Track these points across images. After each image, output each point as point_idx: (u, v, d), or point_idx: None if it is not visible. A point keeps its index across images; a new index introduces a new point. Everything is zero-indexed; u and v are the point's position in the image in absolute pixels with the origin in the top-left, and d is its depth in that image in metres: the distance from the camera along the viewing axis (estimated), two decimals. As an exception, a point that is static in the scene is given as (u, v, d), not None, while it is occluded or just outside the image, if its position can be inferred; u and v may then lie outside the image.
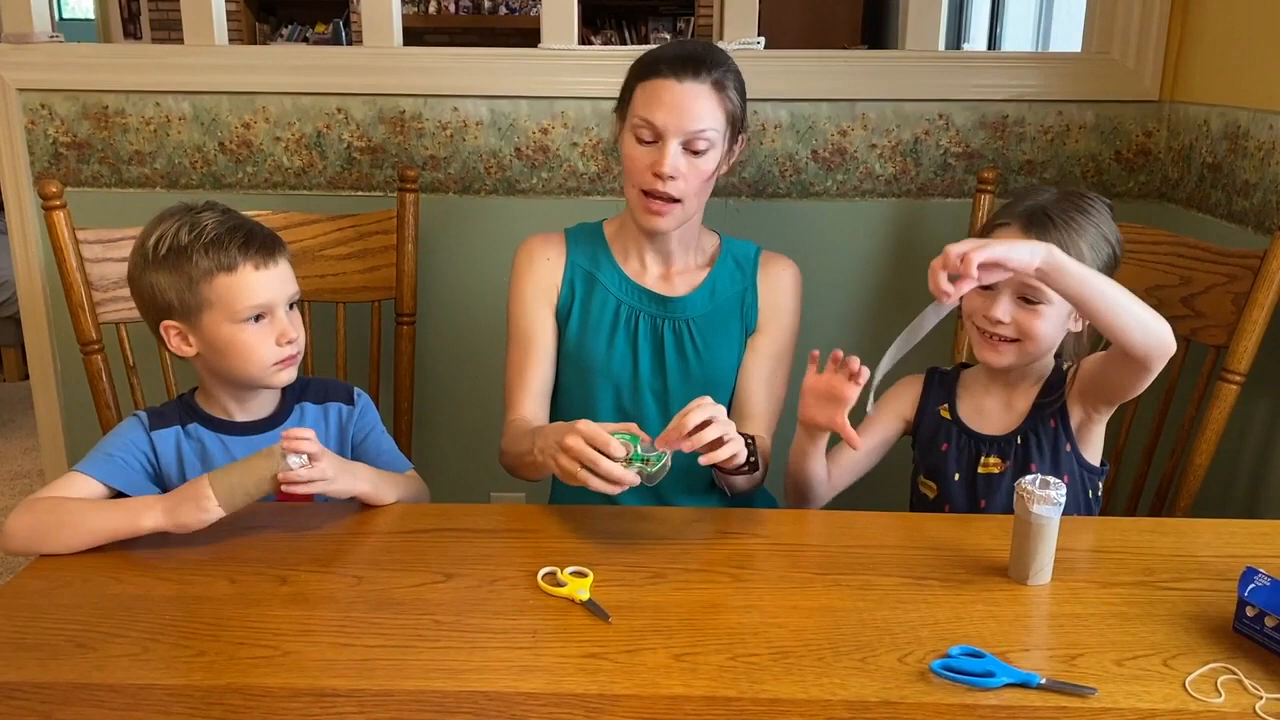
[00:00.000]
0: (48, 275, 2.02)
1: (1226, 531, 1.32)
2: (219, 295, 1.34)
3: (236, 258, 1.34)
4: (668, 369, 1.59)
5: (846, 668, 1.03)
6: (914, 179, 2.00)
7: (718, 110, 1.48)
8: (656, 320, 1.59)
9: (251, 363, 1.36)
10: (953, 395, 1.51)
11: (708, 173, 1.50)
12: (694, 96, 1.47)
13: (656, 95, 1.47)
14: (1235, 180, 1.75)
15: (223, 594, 1.16)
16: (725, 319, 1.60)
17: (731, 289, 1.60)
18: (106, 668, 1.02)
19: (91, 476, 1.32)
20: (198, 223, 1.35)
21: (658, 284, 1.60)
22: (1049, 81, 1.95)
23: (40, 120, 2.00)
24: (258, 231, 1.38)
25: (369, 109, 1.98)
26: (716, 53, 1.52)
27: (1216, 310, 1.62)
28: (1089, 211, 1.37)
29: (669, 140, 1.47)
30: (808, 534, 1.33)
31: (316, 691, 0.99)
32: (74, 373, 1.99)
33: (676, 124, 1.47)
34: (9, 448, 3.54)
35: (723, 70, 1.49)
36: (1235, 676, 1.02)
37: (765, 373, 1.61)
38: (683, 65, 1.48)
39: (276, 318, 1.37)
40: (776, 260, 1.64)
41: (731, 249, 1.64)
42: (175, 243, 1.35)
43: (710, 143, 1.48)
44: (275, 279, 1.37)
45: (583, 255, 1.62)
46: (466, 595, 1.16)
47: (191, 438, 1.41)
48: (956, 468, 1.46)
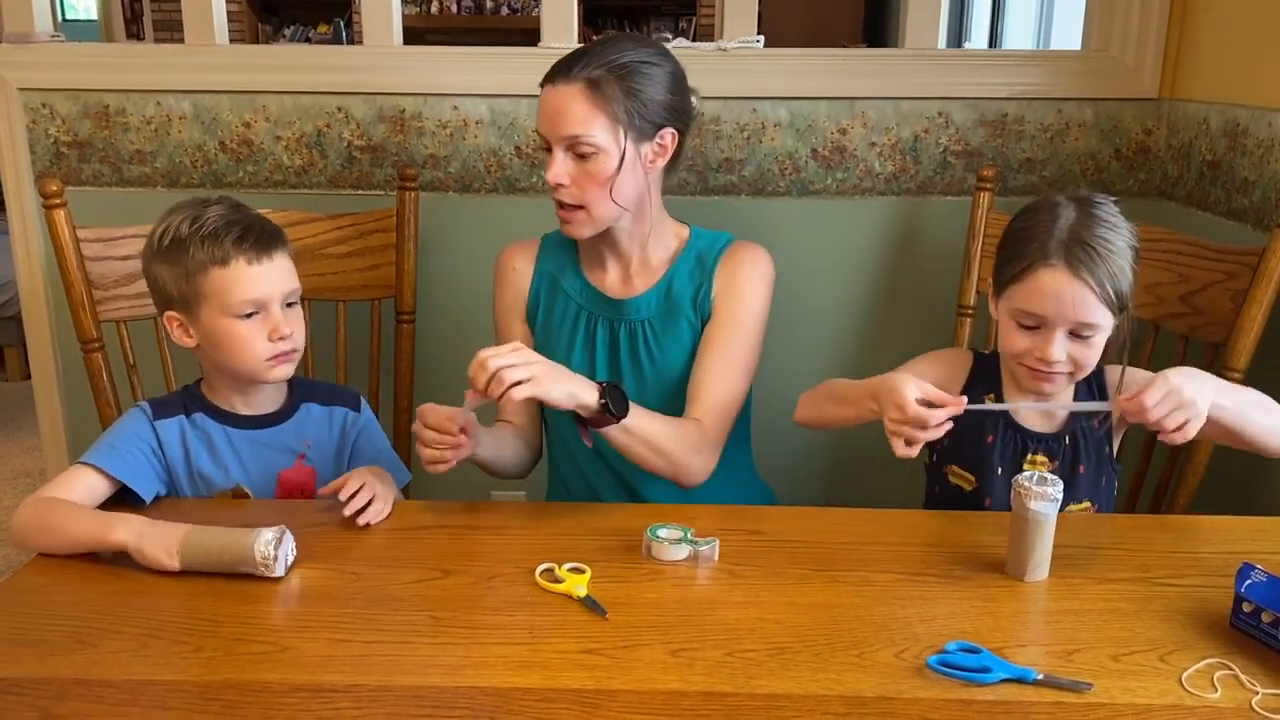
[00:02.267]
0: (49, 274, 2.02)
1: (1224, 528, 1.33)
2: (213, 288, 1.35)
3: (230, 251, 1.34)
4: (623, 373, 1.56)
5: (843, 663, 1.03)
6: (913, 177, 2.00)
7: (594, 113, 1.40)
8: (614, 324, 1.56)
9: (246, 357, 1.36)
10: (998, 384, 1.45)
11: (602, 177, 1.42)
12: (564, 100, 1.40)
13: (541, 102, 1.44)
14: (1234, 178, 1.75)
15: (220, 590, 1.16)
16: (677, 318, 1.54)
17: (688, 286, 1.54)
18: (105, 663, 1.02)
19: (95, 468, 1.32)
20: (200, 215, 1.36)
21: (616, 286, 1.56)
22: (1048, 79, 1.95)
23: (41, 119, 2.00)
24: (255, 226, 1.38)
25: (369, 108, 1.99)
26: (603, 50, 1.42)
27: (1216, 308, 1.61)
28: (1111, 223, 1.31)
29: (553, 147, 1.43)
30: (805, 530, 1.33)
31: (314, 687, 0.99)
32: (75, 371, 2.00)
33: (551, 129, 1.42)
34: (11, 447, 3.54)
35: (602, 68, 1.40)
36: (1231, 672, 1.02)
37: (711, 360, 1.51)
38: (556, 68, 1.43)
39: (271, 313, 1.37)
40: (740, 249, 1.55)
41: (698, 243, 1.57)
42: (176, 234, 1.36)
43: (595, 147, 1.41)
44: (270, 274, 1.37)
45: (551, 262, 1.60)
46: (464, 591, 1.16)
47: (197, 427, 1.42)
48: (1001, 461, 1.42)
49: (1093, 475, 1.42)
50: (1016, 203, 1.96)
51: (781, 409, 2.04)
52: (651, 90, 1.43)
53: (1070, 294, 1.28)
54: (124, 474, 1.33)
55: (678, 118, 1.47)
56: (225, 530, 1.18)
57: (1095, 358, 1.34)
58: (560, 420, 1.57)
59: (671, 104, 1.45)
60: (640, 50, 1.44)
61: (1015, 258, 1.34)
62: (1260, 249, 1.55)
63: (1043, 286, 1.29)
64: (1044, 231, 1.31)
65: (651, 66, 1.43)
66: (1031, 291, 1.31)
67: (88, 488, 1.31)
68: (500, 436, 1.53)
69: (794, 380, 2.06)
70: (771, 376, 2.03)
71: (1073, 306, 1.28)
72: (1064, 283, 1.28)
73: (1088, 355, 1.32)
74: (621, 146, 1.42)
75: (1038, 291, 1.30)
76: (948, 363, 1.49)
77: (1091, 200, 1.34)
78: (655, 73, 1.43)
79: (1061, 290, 1.28)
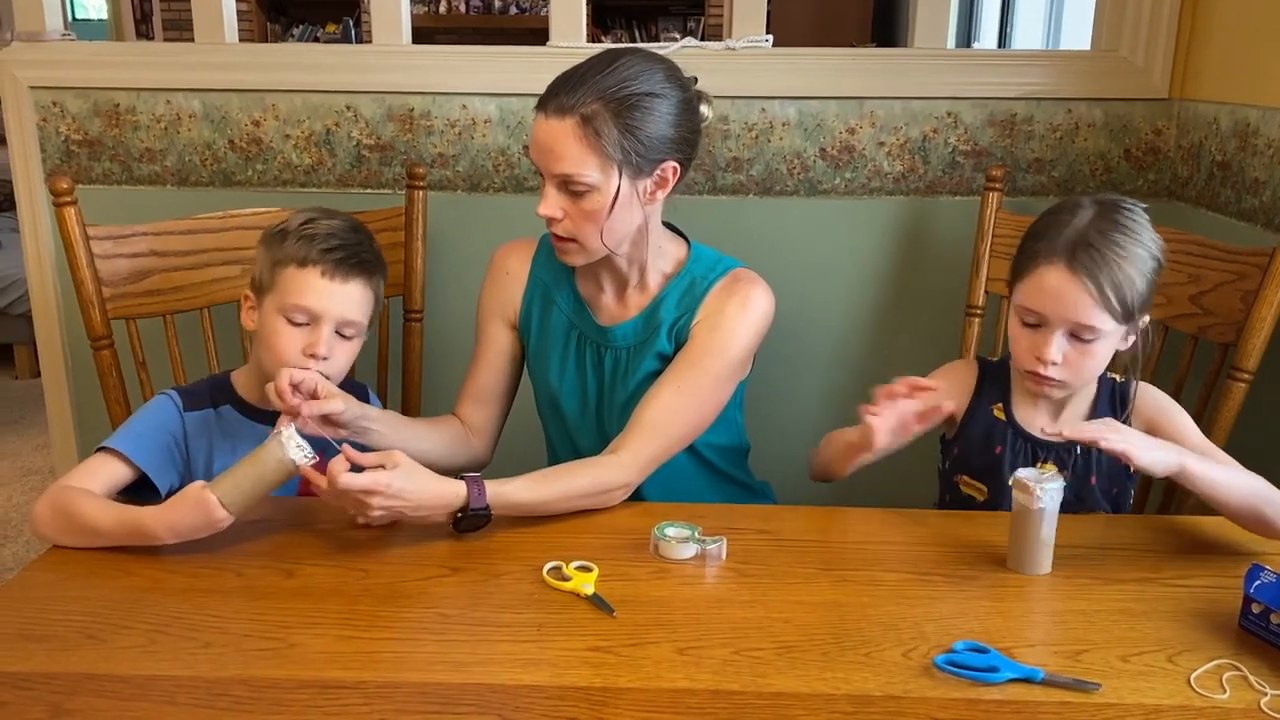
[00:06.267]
0: (59, 271, 2.03)
1: (1233, 528, 1.32)
2: (283, 283, 1.37)
3: (314, 257, 1.36)
4: (605, 397, 1.52)
5: (850, 662, 1.03)
6: (922, 177, 2.00)
7: (587, 154, 1.32)
8: (600, 348, 1.51)
9: (274, 356, 1.37)
10: (1007, 393, 1.44)
11: (595, 213, 1.35)
12: (557, 137, 1.32)
13: (535, 130, 1.36)
14: (1245, 178, 1.75)
15: (229, 586, 1.16)
16: (650, 350, 1.47)
17: (672, 313, 1.46)
18: (114, 659, 1.03)
19: (120, 455, 1.32)
20: (315, 220, 1.40)
21: (610, 305, 1.51)
22: (1058, 79, 1.95)
23: (52, 118, 2.01)
24: (352, 249, 1.39)
25: (378, 107, 1.99)
26: (603, 77, 1.32)
27: (1225, 308, 1.61)
28: (1131, 229, 1.29)
29: (545, 180, 1.36)
30: (812, 529, 1.33)
31: (322, 683, 0.99)
32: (85, 369, 2.00)
33: (544, 164, 1.35)
34: (21, 444, 3.56)
35: (599, 101, 1.31)
36: (1240, 673, 1.01)
37: (664, 384, 1.42)
38: (552, 94, 1.34)
39: (319, 330, 1.36)
40: (736, 284, 1.45)
41: (694, 268, 1.48)
42: (286, 226, 1.40)
43: (589, 185, 1.33)
44: (336, 294, 1.37)
45: (546, 270, 1.55)
46: (472, 589, 1.17)
47: (223, 420, 1.43)
48: (1011, 471, 1.40)
49: (1105, 486, 1.41)
50: (1025, 203, 1.96)
51: (788, 411, 2.05)
52: (652, 126, 1.34)
53: (1068, 293, 1.27)
54: (147, 464, 1.33)
55: (680, 150, 1.39)
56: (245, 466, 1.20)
57: (1095, 366, 1.32)
58: (560, 421, 1.58)
59: (674, 138, 1.37)
60: (643, 78, 1.34)
61: (1024, 254, 1.34)
62: (1270, 249, 1.55)
63: (1042, 283, 1.29)
64: (1056, 231, 1.30)
65: (654, 99, 1.34)
66: (1032, 288, 1.31)
67: (109, 475, 1.31)
68: (417, 433, 1.47)
69: (801, 380, 2.06)
70: (779, 377, 2.04)
71: (1070, 306, 1.27)
72: (1063, 281, 1.28)
73: (1086, 362, 1.31)
74: (616, 184, 1.34)
75: (1038, 288, 1.30)
76: (952, 376, 1.47)
77: (1118, 205, 1.32)
78: (657, 106, 1.34)
79: (1059, 289, 1.28)
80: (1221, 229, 1.78)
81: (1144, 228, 1.31)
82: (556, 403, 1.55)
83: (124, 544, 1.22)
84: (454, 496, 1.24)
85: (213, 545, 1.22)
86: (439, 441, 1.50)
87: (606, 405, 1.52)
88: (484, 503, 1.25)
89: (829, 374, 2.07)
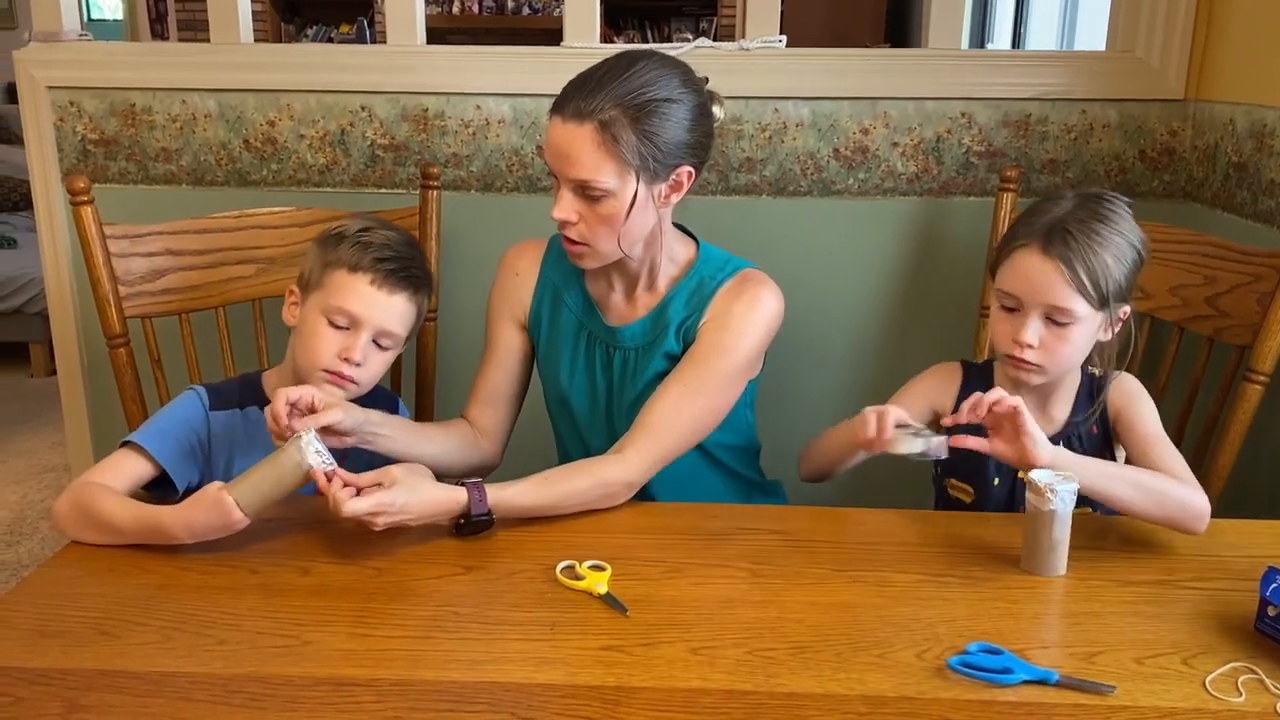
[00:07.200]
0: (75, 270, 2.04)
1: (1249, 531, 1.32)
2: (331, 284, 1.38)
3: (366, 264, 1.37)
4: (614, 399, 1.52)
5: (864, 663, 1.03)
6: (936, 177, 1.99)
7: (605, 159, 1.31)
8: (609, 348, 1.51)
9: (310, 354, 1.38)
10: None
11: (611, 218, 1.35)
12: (573, 142, 1.31)
13: (550, 133, 1.34)
14: (1261, 179, 1.74)
15: (244, 584, 1.17)
16: (660, 346, 1.47)
17: (680, 313, 1.46)
18: (129, 655, 1.03)
19: (143, 449, 1.33)
20: (371, 229, 1.41)
21: (620, 305, 1.51)
22: (1072, 80, 1.94)
23: (69, 117, 2.02)
24: (404, 262, 1.40)
25: (392, 107, 2.00)
26: (620, 82, 1.31)
27: (1241, 310, 1.60)
28: (1109, 218, 1.32)
29: (560, 184, 1.35)
30: (825, 530, 1.33)
31: (335, 681, 1.00)
32: (100, 367, 2.01)
33: (559, 169, 1.34)
34: (37, 442, 3.57)
35: (618, 107, 1.30)
36: (1256, 676, 1.01)
37: (671, 383, 1.42)
38: (568, 98, 1.33)
39: (357, 335, 1.37)
40: (744, 284, 1.45)
41: (703, 268, 1.47)
42: (344, 230, 1.41)
43: (605, 191, 1.32)
44: (381, 303, 1.38)
45: (556, 270, 1.54)
46: (485, 587, 1.17)
47: (249, 420, 1.43)
48: (997, 473, 1.43)
49: None
50: (1040, 204, 1.96)
51: (801, 410, 2.05)
52: (669, 132, 1.33)
53: (1041, 275, 1.30)
54: (168, 462, 1.34)
55: (695, 154, 1.39)
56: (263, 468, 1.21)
57: (1071, 353, 1.34)
58: (571, 421, 1.58)
59: (690, 142, 1.36)
60: (661, 83, 1.33)
61: (1004, 242, 1.38)
62: (1287, 251, 1.54)
63: (1017, 266, 1.33)
64: (1036, 218, 1.34)
65: (671, 105, 1.33)
66: (1008, 271, 1.34)
67: (131, 471, 1.32)
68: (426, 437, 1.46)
69: (814, 380, 2.06)
70: (792, 377, 2.04)
71: (1044, 288, 1.30)
72: (1036, 262, 1.30)
73: (1062, 347, 1.32)
74: (633, 190, 1.34)
75: (1013, 271, 1.33)
76: (937, 379, 1.50)
77: (1100, 197, 1.35)
78: (675, 111, 1.33)
79: (1033, 270, 1.31)
80: (1237, 230, 1.78)
81: (1123, 218, 1.34)
82: (567, 403, 1.56)
83: (142, 542, 1.23)
84: (455, 504, 1.25)
85: (228, 543, 1.23)
86: (448, 445, 1.50)
87: (616, 405, 1.52)
88: (485, 508, 1.25)
89: (841, 374, 2.06)
